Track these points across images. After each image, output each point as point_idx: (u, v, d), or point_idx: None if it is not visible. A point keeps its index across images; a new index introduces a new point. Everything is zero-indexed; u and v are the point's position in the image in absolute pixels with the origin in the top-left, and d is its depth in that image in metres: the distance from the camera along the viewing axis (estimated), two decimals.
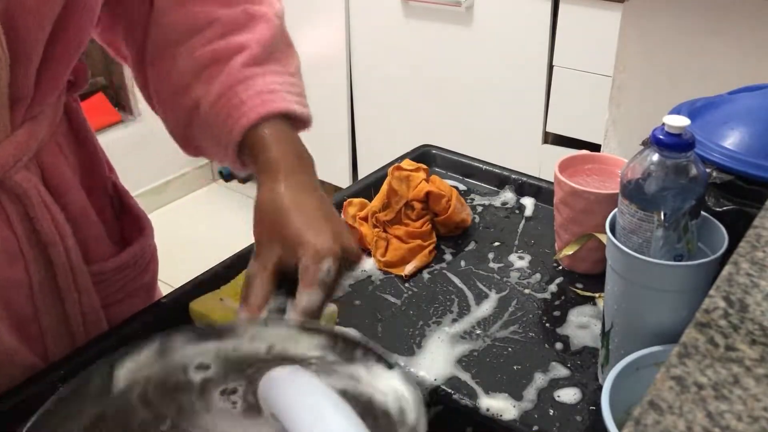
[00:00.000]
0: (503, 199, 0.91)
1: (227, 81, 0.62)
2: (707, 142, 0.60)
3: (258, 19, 0.65)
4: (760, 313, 0.36)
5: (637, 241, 0.55)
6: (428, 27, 1.97)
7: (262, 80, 0.62)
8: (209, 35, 0.64)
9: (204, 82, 0.63)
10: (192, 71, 0.63)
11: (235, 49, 0.63)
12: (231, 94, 0.61)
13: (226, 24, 0.64)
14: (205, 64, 0.63)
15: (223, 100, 0.61)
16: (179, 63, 0.64)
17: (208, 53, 0.63)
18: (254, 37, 0.64)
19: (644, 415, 0.30)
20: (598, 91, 1.66)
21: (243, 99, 0.61)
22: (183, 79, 0.64)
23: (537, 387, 0.63)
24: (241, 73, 0.62)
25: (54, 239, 0.62)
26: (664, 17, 1.27)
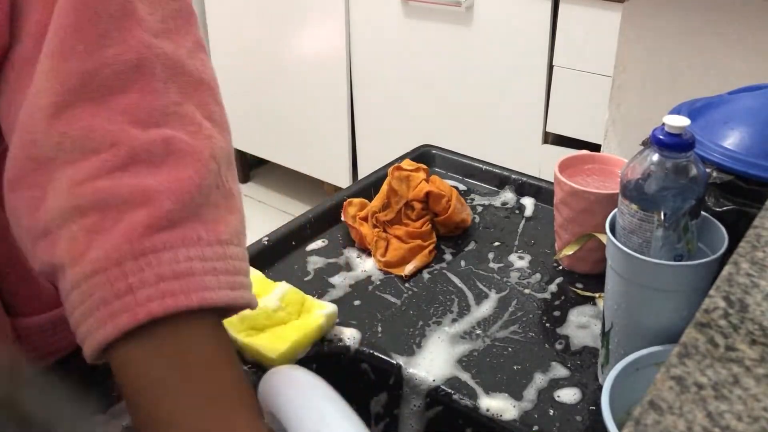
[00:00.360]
0: (503, 199, 0.91)
1: (113, 251, 0.41)
2: (707, 142, 0.60)
3: (183, 157, 0.45)
4: (760, 313, 0.36)
5: (637, 241, 0.55)
6: (428, 27, 1.97)
7: (170, 256, 0.42)
8: (103, 164, 0.43)
9: (78, 238, 0.42)
10: (64, 214, 0.43)
11: (137, 199, 0.42)
12: (115, 273, 0.41)
13: (133, 152, 0.43)
14: (85, 209, 0.42)
15: (101, 279, 0.41)
16: (51, 196, 0.43)
17: (93, 193, 0.42)
18: (170, 186, 0.43)
19: (644, 415, 0.30)
20: (598, 91, 1.66)
21: (132, 284, 0.41)
22: (50, 222, 0.43)
23: (537, 387, 0.63)
24: (139, 242, 0.41)
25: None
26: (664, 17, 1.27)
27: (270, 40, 2.28)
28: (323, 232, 0.85)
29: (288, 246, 0.82)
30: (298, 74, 2.29)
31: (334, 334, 0.69)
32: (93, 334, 0.42)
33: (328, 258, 0.81)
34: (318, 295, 0.74)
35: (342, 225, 0.85)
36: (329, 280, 0.77)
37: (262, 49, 2.33)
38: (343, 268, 0.79)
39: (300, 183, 2.59)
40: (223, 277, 0.44)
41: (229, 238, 0.46)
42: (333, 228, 0.86)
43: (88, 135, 0.44)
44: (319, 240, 0.84)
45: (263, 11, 2.25)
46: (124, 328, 0.41)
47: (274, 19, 2.25)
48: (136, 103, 0.45)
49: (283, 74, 2.31)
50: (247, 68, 2.40)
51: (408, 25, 2.00)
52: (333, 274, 0.78)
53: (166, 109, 0.46)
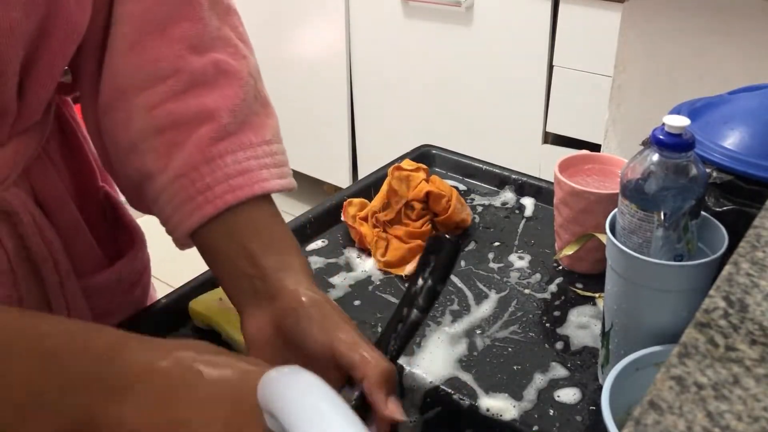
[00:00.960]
0: (503, 199, 0.91)
1: (190, 159, 0.55)
2: (707, 142, 0.60)
3: (230, 77, 0.57)
4: (760, 313, 0.36)
5: (637, 241, 0.55)
6: (428, 27, 1.97)
7: (233, 158, 0.55)
8: (170, 88, 0.55)
9: (161, 152, 0.55)
10: (147, 132, 0.56)
11: (201, 116, 0.55)
12: (195, 176, 0.54)
13: (192, 77, 0.56)
14: (163, 127, 0.55)
15: (184, 182, 0.55)
16: (134, 118, 0.56)
17: (168, 114, 0.55)
18: (224, 102, 0.56)
19: (644, 415, 0.30)
20: (598, 91, 1.66)
21: (209, 183, 0.54)
22: (137, 139, 0.56)
23: (537, 387, 0.63)
24: (208, 150, 0.55)
25: (44, 256, 0.60)
26: (664, 17, 1.27)
27: (270, 40, 2.28)
28: (323, 232, 0.85)
29: None
30: (298, 74, 2.29)
31: None
32: (183, 223, 0.55)
33: (328, 258, 0.81)
34: None
35: (342, 225, 0.85)
36: (329, 280, 0.77)
37: (262, 49, 2.32)
38: (343, 268, 0.79)
39: (300, 183, 2.59)
40: (273, 170, 0.57)
41: (272, 138, 0.59)
42: (333, 228, 0.86)
43: (156, 64, 0.55)
44: (319, 240, 0.84)
45: (263, 11, 2.25)
46: (207, 216, 0.54)
47: (274, 19, 2.25)
48: (188, 30, 0.56)
49: (283, 74, 2.31)
50: None
51: (408, 25, 2.00)
52: (333, 274, 0.78)
53: (211, 34, 0.58)
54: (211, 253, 0.56)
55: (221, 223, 0.55)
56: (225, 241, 0.55)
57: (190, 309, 0.70)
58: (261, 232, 0.55)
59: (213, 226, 0.55)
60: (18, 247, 0.59)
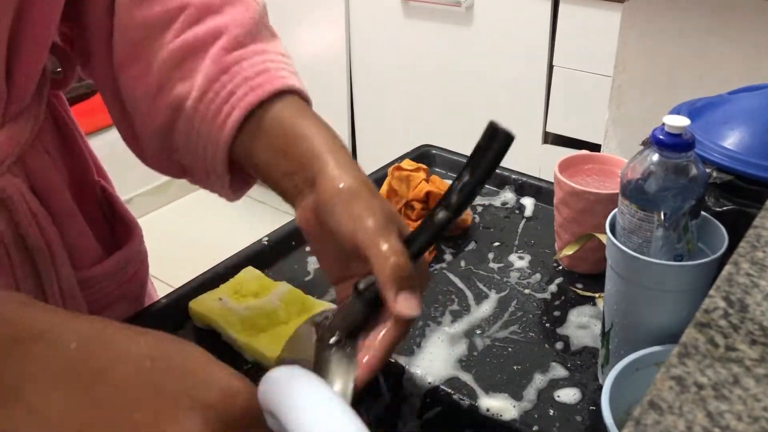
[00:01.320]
0: (503, 199, 0.91)
1: (209, 72, 0.55)
2: (707, 142, 0.60)
3: (236, 3, 0.59)
4: (760, 313, 0.36)
5: (637, 241, 0.55)
6: (428, 27, 1.97)
7: (249, 62, 0.56)
8: (182, 23, 0.57)
9: (183, 78, 0.56)
10: (168, 67, 0.57)
11: (213, 34, 0.56)
12: (217, 87, 0.55)
13: (199, 8, 0.57)
14: (182, 56, 0.56)
15: (209, 96, 0.55)
16: (154, 61, 0.57)
17: (184, 44, 0.56)
18: (232, 18, 0.57)
19: (644, 415, 0.30)
20: (598, 91, 1.66)
21: (230, 89, 0.55)
22: (160, 78, 0.57)
23: (537, 387, 0.63)
24: (224, 60, 0.56)
25: (40, 245, 0.60)
26: (664, 17, 1.27)
27: None
28: None
29: (288, 246, 0.82)
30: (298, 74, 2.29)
31: None
32: (219, 144, 0.55)
33: None
34: (318, 295, 0.74)
35: None
36: None
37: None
38: None
39: None
40: (290, 72, 0.58)
41: (284, 53, 0.60)
42: None
43: (163, 10, 0.57)
44: None
45: None
46: (237, 122, 0.54)
47: (273, 19, 2.24)
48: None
49: None
50: None
51: (408, 25, 2.00)
52: None
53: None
54: (252, 163, 0.55)
55: (252, 128, 0.54)
56: (259, 145, 0.54)
57: (189, 309, 0.70)
58: (290, 126, 0.54)
59: (245, 135, 0.55)
60: (14, 235, 0.59)
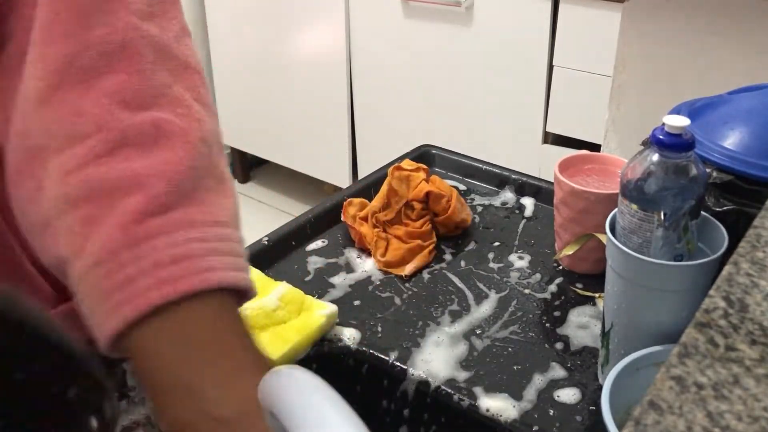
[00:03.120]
0: (503, 199, 0.91)
1: (109, 242, 0.41)
2: (707, 142, 0.60)
3: (173, 139, 0.43)
4: (760, 313, 0.36)
5: (637, 241, 0.55)
6: (428, 27, 1.97)
7: (166, 241, 0.41)
8: (91, 150, 0.42)
9: (75, 231, 0.42)
10: (59, 206, 0.42)
11: (127, 184, 0.42)
12: (112, 266, 0.40)
13: (121, 136, 0.42)
14: (78, 198, 0.42)
15: (101, 272, 0.41)
16: (46, 187, 0.43)
17: (85, 182, 0.42)
18: (161, 168, 0.42)
19: (644, 415, 0.30)
20: (598, 91, 1.66)
21: (130, 275, 0.40)
22: (48, 215, 0.43)
23: (537, 387, 0.63)
24: (133, 229, 0.41)
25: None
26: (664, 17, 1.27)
27: (270, 40, 2.28)
28: (323, 232, 0.85)
29: (288, 246, 0.82)
30: (298, 74, 2.29)
31: (334, 334, 0.69)
32: (102, 327, 0.41)
33: (328, 258, 0.81)
34: (318, 295, 0.74)
35: (342, 225, 0.85)
36: (329, 280, 0.77)
37: (262, 50, 2.33)
38: (343, 269, 0.79)
39: (300, 183, 2.59)
40: (226, 258, 0.43)
41: (226, 221, 0.44)
42: (333, 228, 0.86)
43: (76, 120, 0.43)
44: (319, 240, 0.84)
45: (263, 11, 2.25)
46: (128, 320, 0.40)
47: (274, 20, 2.25)
48: (123, 84, 0.44)
49: (283, 74, 2.31)
50: (247, 68, 2.40)
51: (408, 25, 2.00)
52: (333, 274, 0.78)
53: (154, 90, 0.45)
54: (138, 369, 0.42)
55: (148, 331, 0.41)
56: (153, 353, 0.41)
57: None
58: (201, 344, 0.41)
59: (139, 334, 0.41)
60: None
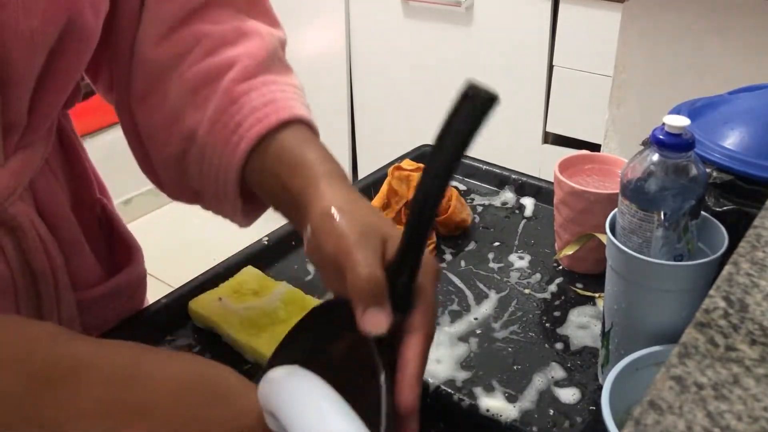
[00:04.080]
0: (503, 199, 0.91)
1: (220, 103, 0.57)
2: (707, 142, 0.60)
3: (250, 35, 0.60)
4: (760, 313, 0.36)
5: (637, 241, 0.55)
6: (428, 27, 1.97)
7: (258, 93, 0.57)
8: (197, 55, 0.59)
9: (196, 107, 0.58)
10: (183, 97, 0.58)
11: (225, 64, 0.58)
12: (225, 118, 0.56)
13: (215, 40, 0.59)
14: (196, 86, 0.58)
15: (218, 126, 0.56)
16: (170, 91, 0.59)
17: (198, 74, 0.58)
18: (245, 50, 0.59)
19: (644, 415, 0.30)
20: (598, 91, 1.66)
21: (238, 121, 0.56)
22: (175, 108, 0.59)
23: (537, 387, 0.63)
24: (234, 91, 0.57)
25: (45, 271, 0.59)
26: (664, 17, 1.27)
27: None
28: None
29: (288, 246, 0.82)
30: (298, 74, 2.29)
31: None
32: (229, 172, 0.56)
33: None
34: (318, 295, 0.74)
35: None
36: None
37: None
38: None
39: None
40: (300, 102, 0.58)
41: (294, 84, 0.61)
42: None
43: (183, 43, 0.59)
44: None
45: None
46: (244, 153, 0.55)
47: None
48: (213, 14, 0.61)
49: None
50: None
51: (408, 25, 2.00)
52: None
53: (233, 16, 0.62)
54: (262, 192, 0.57)
55: (259, 158, 0.55)
56: (266, 175, 0.55)
57: (189, 309, 0.70)
58: (291, 156, 0.54)
59: (254, 164, 0.55)
60: (21, 261, 0.58)
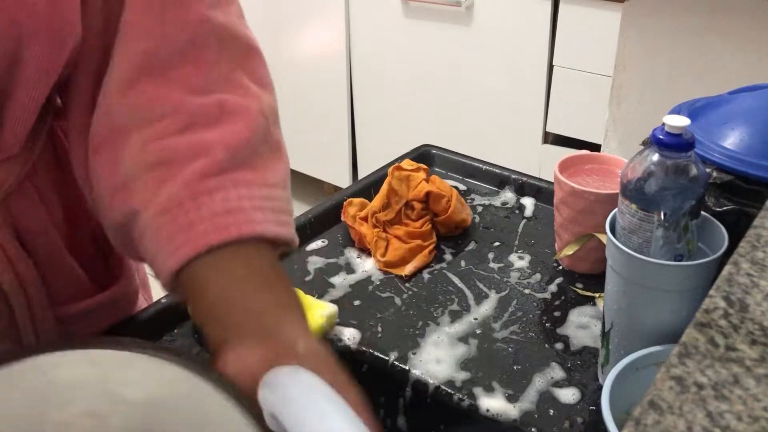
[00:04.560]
0: (503, 199, 0.91)
1: (176, 195, 0.50)
2: (707, 142, 0.60)
3: (235, 114, 0.53)
4: (760, 313, 0.36)
5: (637, 241, 0.55)
6: (428, 27, 1.97)
7: (223, 196, 0.50)
8: (167, 127, 0.52)
9: (149, 187, 0.51)
10: (137, 169, 0.52)
11: (194, 151, 0.51)
12: (177, 212, 0.49)
13: (192, 116, 0.52)
14: (154, 163, 0.51)
15: (167, 218, 0.50)
16: (126, 155, 0.52)
17: (160, 150, 0.51)
18: (222, 137, 0.52)
19: (644, 415, 0.30)
20: (598, 91, 1.66)
21: (192, 220, 0.49)
22: (126, 176, 0.52)
23: (537, 387, 0.63)
24: (196, 185, 0.50)
25: (16, 290, 0.57)
26: (664, 17, 1.27)
27: (270, 40, 2.28)
28: (323, 232, 0.85)
29: None
30: (298, 74, 2.29)
31: (334, 334, 0.69)
32: (165, 264, 0.49)
33: (328, 258, 0.81)
34: (318, 295, 0.74)
35: (342, 225, 0.85)
36: (329, 280, 0.77)
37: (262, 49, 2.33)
38: (343, 269, 0.79)
39: (300, 183, 2.59)
40: (269, 214, 0.51)
41: (275, 183, 0.53)
42: (333, 228, 0.86)
43: (153, 104, 0.52)
44: (319, 240, 0.84)
45: (263, 11, 2.25)
46: (187, 257, 0.49)
47: (274, 19, 2.25)
48: (191, 75, 0.53)
49: (283, 74, 2.31)
50: None
51: (408, 25, 2.00)
52: (333, 274, 0.78)
53: (218, 78, 0.54)
54: (196, 294, 0.50)
55: (206, 266, 0.49)
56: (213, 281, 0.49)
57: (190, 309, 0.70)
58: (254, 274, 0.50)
59: (197, 268, 0.49)
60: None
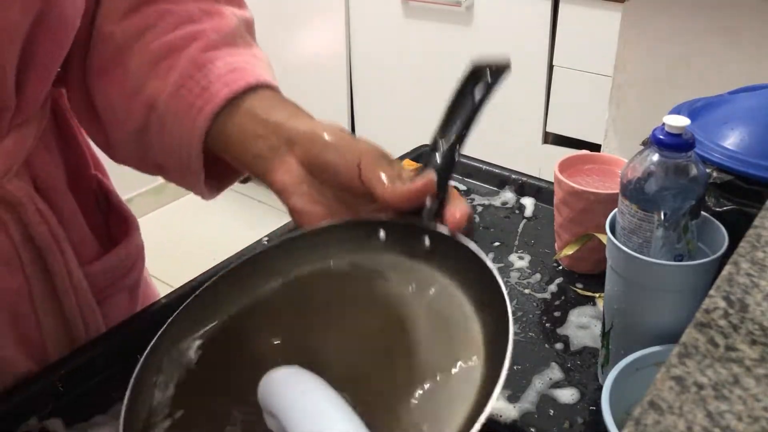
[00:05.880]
0: (503, 199, 0.91)
1: (184, 70, 0.57)
2: (707, 142, 0.60)
3: (214, 14, 0.61)
4: (760, 313, 0.36)
5: (637, 241, 0.55)
6: (428, 27, 1.97)
7: (223, 62, 0.58)
8: (161, 28, 0.59)
9: (159, 76, 0.58)
10: (145, 68, 0.58)
11: (190, 37, 0.59)
12: (191, 84, 0.57)
13: (180, 16, 0.60)
14: (159, 57, 0.58)
15: (183, 91, 0.57)
16: (132, 64, 0.59)
17: (162, 45, 0.58)
18: (210, 25, 0.60)
19: (644, 415, 0.30)
20: (598, 91, 1.66)
21: (204, 85, 0.56)
22: (136, 79, 0.59)
23: (537, 387, 0.63)
24: (199, 58, 0.57)
25: (49, 244, 0.61)
26: (664, 17, 1.27)
27: (270, 40, 2.28)
28: None
29: None
30: (298, 74, 2.29)
31: None
32: (190, 128, 0.56)
33: None
34: None
35: None
36: None
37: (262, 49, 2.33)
38: None
39: None
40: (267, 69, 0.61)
41: (262, 57, 0.63)
42: None
43: (146, 20, 0.59)
44: None
45: (263, 11, 2.25)
46: (210, 115, 0.56)
47: (274, 19, 2.25)
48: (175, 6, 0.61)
49: (283, 74, 2.30)
50: None
51: (408, 25, 2.00)
52: None
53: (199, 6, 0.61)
54: (223, 143, 0.57)
55: (229, 115, 0.56)
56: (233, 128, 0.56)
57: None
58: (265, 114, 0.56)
59: (222, 119, 0.56)
60: (24, 238, 0.60)
